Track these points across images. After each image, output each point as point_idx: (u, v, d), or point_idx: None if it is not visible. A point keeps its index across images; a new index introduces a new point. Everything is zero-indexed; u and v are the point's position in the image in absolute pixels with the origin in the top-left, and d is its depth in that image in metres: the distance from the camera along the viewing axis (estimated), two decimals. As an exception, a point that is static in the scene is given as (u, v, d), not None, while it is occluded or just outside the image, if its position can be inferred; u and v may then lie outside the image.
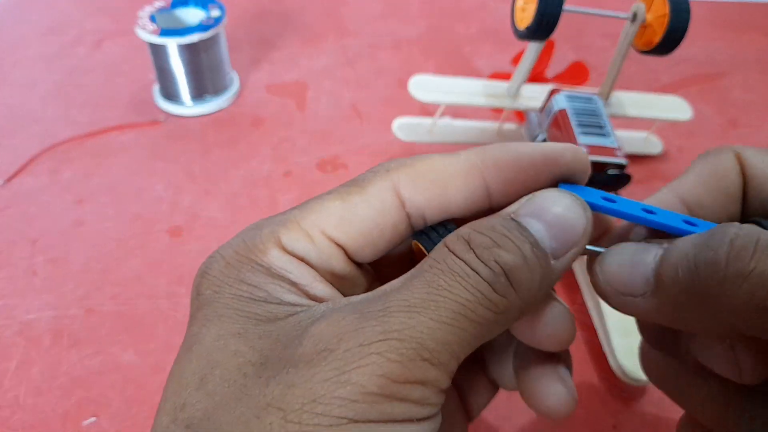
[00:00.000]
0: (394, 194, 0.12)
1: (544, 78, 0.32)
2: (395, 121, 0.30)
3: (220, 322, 0.11)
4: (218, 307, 0.11)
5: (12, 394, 0.21)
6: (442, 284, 0.10)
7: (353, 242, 0.12)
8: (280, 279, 0.11)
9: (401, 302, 0.10)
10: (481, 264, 0.10)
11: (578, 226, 0.11)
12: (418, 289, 0.10)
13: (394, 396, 0.09)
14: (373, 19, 0.44)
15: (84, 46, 0.41)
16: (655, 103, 0.31)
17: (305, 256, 0.11)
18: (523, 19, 0.26)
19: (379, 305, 0.10)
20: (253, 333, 0.10)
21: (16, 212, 0.29)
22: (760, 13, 0.46)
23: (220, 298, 0.11)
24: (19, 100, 0.36)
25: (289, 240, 0.11)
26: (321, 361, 0.09)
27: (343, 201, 0.12)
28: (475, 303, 0.10)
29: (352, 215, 0.11)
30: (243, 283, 0.11)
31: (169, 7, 0.34)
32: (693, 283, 0.10)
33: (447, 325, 0.10)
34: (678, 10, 0.24)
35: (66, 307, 0.24)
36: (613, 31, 0.45)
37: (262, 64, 0.39)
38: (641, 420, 0.20)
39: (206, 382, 0.10)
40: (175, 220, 0.28)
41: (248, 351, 0.10)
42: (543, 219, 0.11)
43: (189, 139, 0.33)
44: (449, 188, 0.12)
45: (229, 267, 0.11)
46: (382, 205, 0.11)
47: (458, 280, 0.10)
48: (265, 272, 0.11)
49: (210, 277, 0.11)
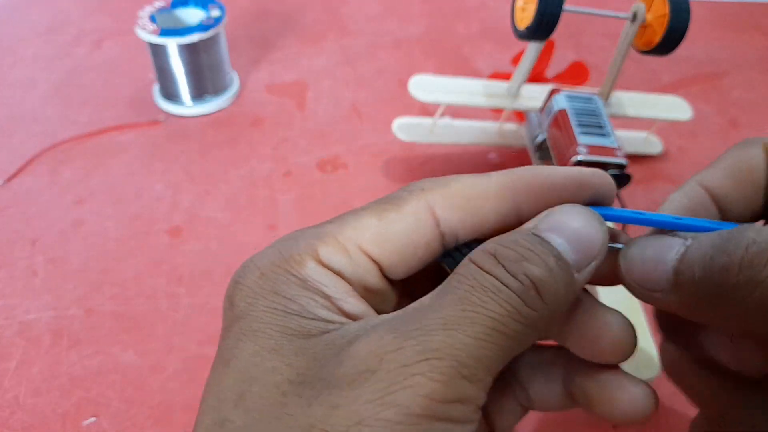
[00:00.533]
0: (429, 213, 0.12)
1: (544, 78, 0.32)
2: (395, 121, 0.30)
3: (255, 337, 0.11)
4: (253, 320, 0.11)
5: (12, 394, 0.21)
6: (475, 300, 0.10)
7: (388, 258, 0.12)
8: (314, 292, 0.11)
9: (437, 320, 0.10)
10: (511, 278, 0.10)
11: (596, 239, 0.11)
12: (451, 306, 0.10)
13: (437, 416, 0.09)
14: (373, 18, 0.44)
15: (84, 45, 0.41)
16: (655, 103, 0.31)
17: (341, 270, 0.12)
18: (523, 19, 0.26)
19: (416, 324, 0.10)
20: (288, 349, 0.10)
21: (16, 212, 0.29)
22: (760, 12, 0.46)
23: (254, 311, 0.11)
24: (18, 99, 0.36)
25: (326, 253, 0.12)
26: (364, 382, 0.10)
27: (379, 218, 0.12)
28: (507, 317, 0.10)
29: (389, 232, 0.12)
30: (278, 295, 0.11)
31: (169, 7, 0.34)
32: (708, 285, 0.10)
33: (483, 341, 0.10)
34: (678, 10, 0.24)
35: (66, 307, 0.24)
36: (613, 31, 0.45)
37: (262, 64, 0.39)
38: (641, 420, 0.20)
39: (244, 399, 0.10)
40: (174, 220, 0.28)
41: (285, 368, 0.10)
42: (563, 233, 0.11)
43: (189, 139, 0.33)
44: (482, 209, 0.12)
45: (264, 278, 0.11)
46: (417, 224, 0.12)
47: (490, 296, 0.10)
48: (299, 284, 0.11)
49: (244, 288, 0.11)
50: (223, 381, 0.11)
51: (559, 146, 0.25)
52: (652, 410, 0.12)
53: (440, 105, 0.28)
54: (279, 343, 0.11)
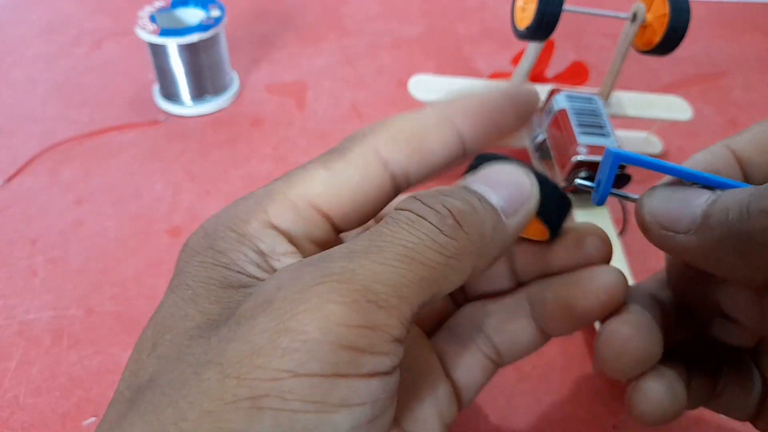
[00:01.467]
0: (376, 157, 0.12)
1: (544, 78, 0.32)
2: None
3: (178, 289, 0.11)
4: (183, 275, 0.11)
5: (11, 394, 0.21)
6: (385, 232, 0.10)
7: (339, 210, 0.11)
8: (249, 248, 0.11)
9: (342, 249, 0.10)
10: (426, 207, 0.10)
11: (524, 184, 0.11)
12: (361, 239, 0.10)
13: (340, 342, 0.09)
14: (373, 18, 0.44)
15: (84, 45, 0.41)
16: (655, 103, 0.31)
17: (289, 230, 0.11)
18: (523, 19, 0.26)
19: (319, 256, 0.10)
20: (204, 298, 0.10)
21: (16, 212, 0.29)
22: (760, 12, 0.46)
23: (188, 266, 0.11)
24: (18, 99, 0.36)
25: (275, 212, 0.11)
26: (260, 313, 0.09)
27: (326, 169, 0.11)
28: (422, 245, 0.10)
29: (338, 182, 0.11)
30: (212, 249, 0.11)
31: (169, 7, 0.34)
32: (742, 228, 0.10)
33: (392, 267, 0.09)
34: (678, 10, 0.24)
35: (66, 307, 0.24)
36: (613, 31, 0.45)
37: (262, 64, 0.39)
38: (641, 420, 0.20)
39: (157, 347, 0.10)
40: (174, 220, 0.28)
41: (197, 314, 0.10)
42: (488, 183, 0.11)
43: (189, 139, 0.33)
44: (426, 142, 0.12)
45: (206, 236, 0.11)
46: (366, 169, 0.11)
47: (402, 227, 0.10)
48: (236, 239, 0.11)
49: (187, 249, 0.11)
50: (144, 334, 0.11)
51: (559, 146, 0.25)
52: (624, 287, 0.13)
53: None
54: (196, 293, 0.10)
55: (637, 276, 0.25)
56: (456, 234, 0.10)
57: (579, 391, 0.21)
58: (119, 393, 0.10)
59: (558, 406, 0.21)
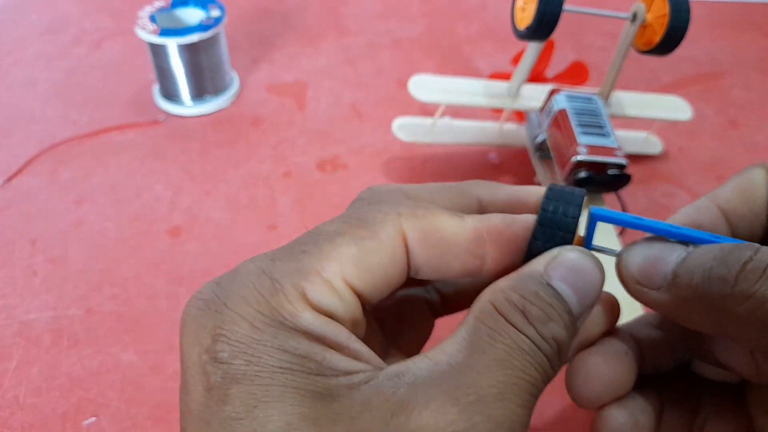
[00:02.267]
0: (403, 243, 0.12)
1: (544, 78, 0.32)
2: (395, 121, 0.30)
3: (281, 404, 0.09)
4: (267, 383, 0.09)
5: (12, 394, 0.21)
6: (516, 365, 0.10)
7: (370, 289, 0.11)
8: (322, 343, 0.10)
9: (491, 389, 0.10)
10: (544, 342, 0.11)
11: (596, 288, 0.12)
12: (497, 370, 0.10)
13: None
14: (373, 18, 0.44)
15: (84, 45, 0.41)
16: (655, 103, 0.30)
17: (334, 312, 0.11)
18: (523, 19, 0.26)
19: (470, 390, 0.10)
20: (325, 417, 0.09)
21: (16, 212, 0.29)
22: (760, 12, 0.46)
23: (263, 372, 0.09)
24: (18, 99, 0.36)
25: (315, 295, 0.11)
26: None
27: (358, 247, 0.11)
28: (540, 380, 0.11)
29: (369, 263, 0.11)
30: (286, 352, 0.10)
31: (169, 7, 0.34)
32: (704, 292, 0.11)
33: (527, 407, 0.10)
34: (678, 10, 0.24)
35: (66, 307, 0.24)
36: (613, 31, 0.45)
37: (261, 64, 0.39)
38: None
39: None
40: (174, 220, 0.28)
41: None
42: (571, 283, 0.11)
43: (189, 139, 0.33)
44: (452, 253, 0.12)
45: (258, 332, 0.10)
46: (394, 254, 0.12)
47: (528, 360, 0.10)
48: (305, 337, 0.10)
49: (234, 343, 0.10)
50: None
51: (559, 146, 0.25)
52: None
53: (440, 105, 0.28)
54: (314, 409, 0.09)
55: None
56: (557, 366, 0.11)
57: (579, 391, 0.21)
58: None
59: (557, 407, 0.21)
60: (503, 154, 0.32)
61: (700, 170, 0.31)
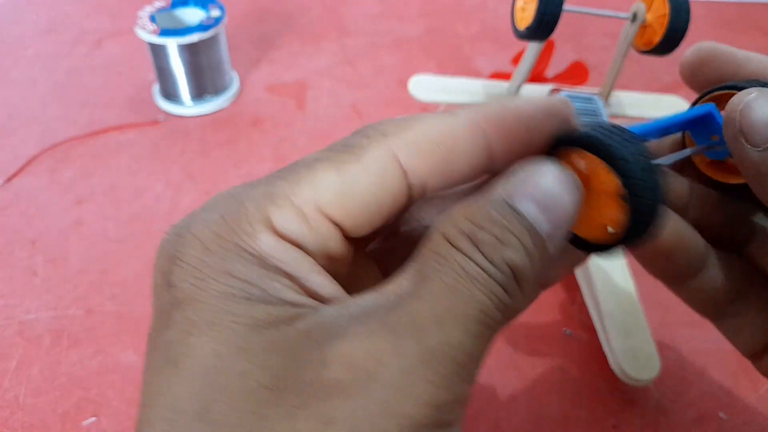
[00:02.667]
0: (394, 163, 0.10)
1: (544, 78, 0.32)
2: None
3: (214, 331, 0.09)
4: (205, 309, 0.09)
5: (11, 394, 0.21)
6: (462, 290, 0.09)
7: (352, 219, 0.10)
8: (275, 272, 0.09)
9: (429, 314, 0.09)
10: (493, 267, 0.09)
11: (569, 202, 0.10)
12: (440, 295, 0.09)
13: (437, 423, 0.09)
14: (372, 18, 0.44)
15: (84, 45, 0.41)
16: (655, 103, 0.31)
17: (300, 240, 0.10)
18: (523, 19, 0.26)
19: (406, 317, 0.09)
20: (258, 346, 0.09)
21: (16, 212, 0.29)
22: (759, 13, 0.46)
23: (205, 296, 0.09)
24: (18, 99, 0.36)
25: (281, 220, 0.10)
26: (362, 390, 0.08)
27: (338, 172, 0.10)
28: (492, 308, 0.09)
29: (352, 189, 0.10)
30: (232, 277, 0.09)
31: (169, 7, 0.34)
32: None
33: (475, 337, 0.09)
34: (678, 11, 0.24)
35: (65, 307, 0.24)
36: (613, 31, 0.45)
37: (261, 64, 0.39)
38: (641, 420, 0.20)
39: (209, 412, 0.08)
40: (175, 219, 0.28)
41: (257, 371, 0.09)
42: (536, 198, 0.10)
43: (189, 139, 0.33)
44: (453, 153, 0.10)
45: (210, 254, 0.09)
46: (383, 177, 0.10)
47: (477, 285, 0.09)
48: (257, 263, 0.09)
49: (185, 266, 0.09)
50: (177, 388, 0.09)
51: None
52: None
53: (440, 105, 0.28)
54: (246, 339, 0.09)
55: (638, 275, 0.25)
56: (515, 293, 0.10)
57: (579, 390, 0.21)
58: None
59: (558, 405, 0.21)
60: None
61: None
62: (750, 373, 0.22)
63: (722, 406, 0.21)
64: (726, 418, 0.20)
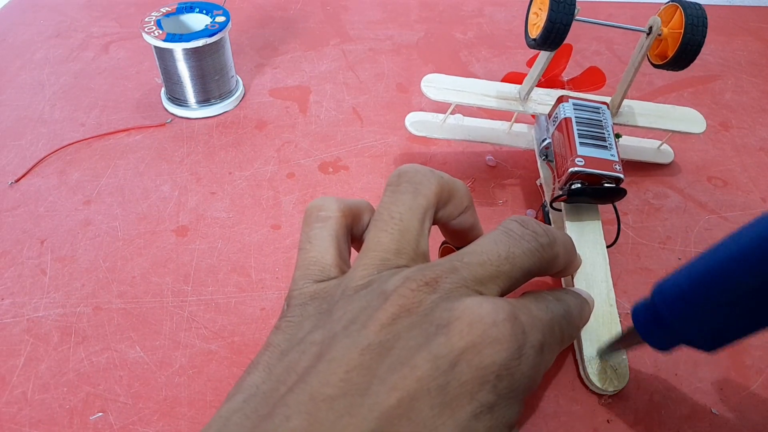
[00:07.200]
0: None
1: (560, 81, 0.31)
2: (408, 116, 0.30)
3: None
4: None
5: (20, 390, 0.22)
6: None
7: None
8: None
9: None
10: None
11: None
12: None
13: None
14: (373, 24, 0.45)
15: (91, 49, 0.41)
16: (668, 113, 0.29)
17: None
18: (536, 26, 0.26)
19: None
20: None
21: (25, 212, 0.29)
22: (751, 16, 0.47)
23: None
24: (27, 102, 0.36)
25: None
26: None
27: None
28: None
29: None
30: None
31: (175, 13, 0.35)
32: None
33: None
34: (694, 25, 0.24)
35: (74, 305, 0.25)
36: (605, 36, 0.46)
37: (265, 68, 0.40)
38: (635, 415, 0.21)
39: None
40: (181, 219, 0.29)
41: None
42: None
43: (195, 141, 0.34)
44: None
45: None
46: None
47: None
48: None
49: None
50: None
51: (560, 154, 0.25)
52: None
53: (450, 104, 0.28)
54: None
55: (618, 289, 0.25)
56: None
57: (573, 386, 0.22)
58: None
59: (553, 401, 0.21)
60: (500, 157, 0.33)
61: (692, 172, 0.32)
62: (742, 369, 0.22)
63: (714, 402, 0.21)
64: (718, 414, 0.21)
